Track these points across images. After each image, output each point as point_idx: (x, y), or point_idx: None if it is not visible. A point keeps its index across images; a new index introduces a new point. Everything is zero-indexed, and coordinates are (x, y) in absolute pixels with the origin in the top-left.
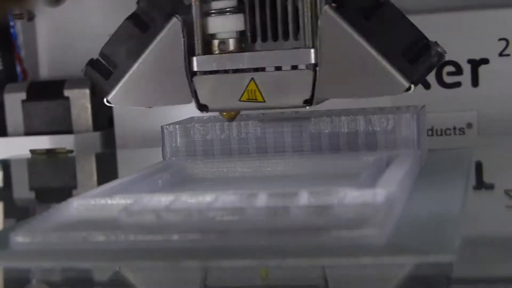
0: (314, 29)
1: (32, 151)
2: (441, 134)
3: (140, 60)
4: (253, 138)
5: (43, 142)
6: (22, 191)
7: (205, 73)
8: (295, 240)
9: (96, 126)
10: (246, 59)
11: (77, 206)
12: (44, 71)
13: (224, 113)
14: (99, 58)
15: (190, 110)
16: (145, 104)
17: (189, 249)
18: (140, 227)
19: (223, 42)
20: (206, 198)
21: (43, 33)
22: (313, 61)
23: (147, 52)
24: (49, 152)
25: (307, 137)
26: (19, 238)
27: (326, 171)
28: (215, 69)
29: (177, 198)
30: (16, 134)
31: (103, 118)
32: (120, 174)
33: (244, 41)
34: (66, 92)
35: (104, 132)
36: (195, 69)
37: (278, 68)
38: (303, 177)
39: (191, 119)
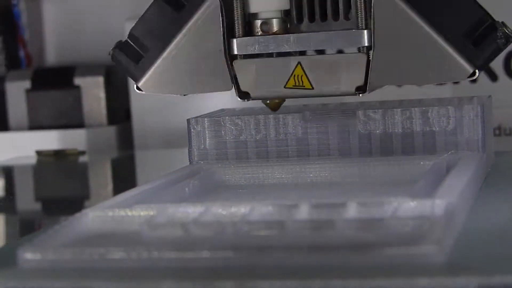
0: (367, 8)
1: (38, 152)
2: (510, 134)
3: (174, 43)
4: (294, 139)
5: (50, 138)
6: (27, 200)
7: (246, 56)
8: (341, 259)
9: (111, 120)
10: (292, 41)
11: (93, 218)
12: (51, 56)
13: (268, 102)
14: (128, 40)
15: (220, 101)
16: (179, 91)
17: (221, 268)
18: (165, 243)
19: (265, 23)
20: (240, 209)
21: (50, 13)
22: (366, 43)
23: (181, 33)
24: (58, 154)
25: (356, 138)
26: (28, 255)
27: (377, 177)
28: (257, 52)
29: (207, 209)
30: (19, 129)
31: (119, 111)
32: (140, 181)
33: (289, 22)
34: (77, 80)
35: (120, 126)
36: (235, 52)
37: (326, 52)
38: (350, 185)
39: (221, 112)
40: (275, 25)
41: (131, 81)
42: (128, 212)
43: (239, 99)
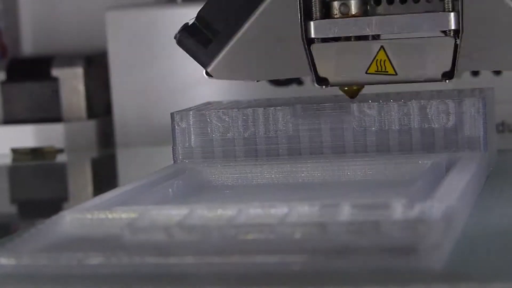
0: None
1: (14, 150)
2: None
3: (246, 26)
4: (284, 136)
5: (26, 133)
6: (1, 202)
7: (324, 40)
8: (332, 264)
9: (91, 113)
10: (374, 24)
11: (71, 221)
12: (28, 46)
13: (346, 88)
14: (196, 23)
15: (206, 95)
16: (252, 77)
17: (206, 274)
18: (147, 247)
19: (344, 4)
20: (227, 212)
21: (27, 0)
22: (453, 26)
23: (255, 16)
24: (35, 152)
25: (350, 135)
26: (2, 260)
27: (372, 177)
28: (337, 35)
29: (191, 211)
30: None
31: (99, 104)
32: (121, 181)
33: (367, 4)
34: (55, 72)
35: (100, 121)
36: (312, 35)
37: (410, 36)
38: (344, 185)
39: (207, 105)
40: (353, 7)
41: (112, 73)
42: (108, 214)
43: (316, 85)
